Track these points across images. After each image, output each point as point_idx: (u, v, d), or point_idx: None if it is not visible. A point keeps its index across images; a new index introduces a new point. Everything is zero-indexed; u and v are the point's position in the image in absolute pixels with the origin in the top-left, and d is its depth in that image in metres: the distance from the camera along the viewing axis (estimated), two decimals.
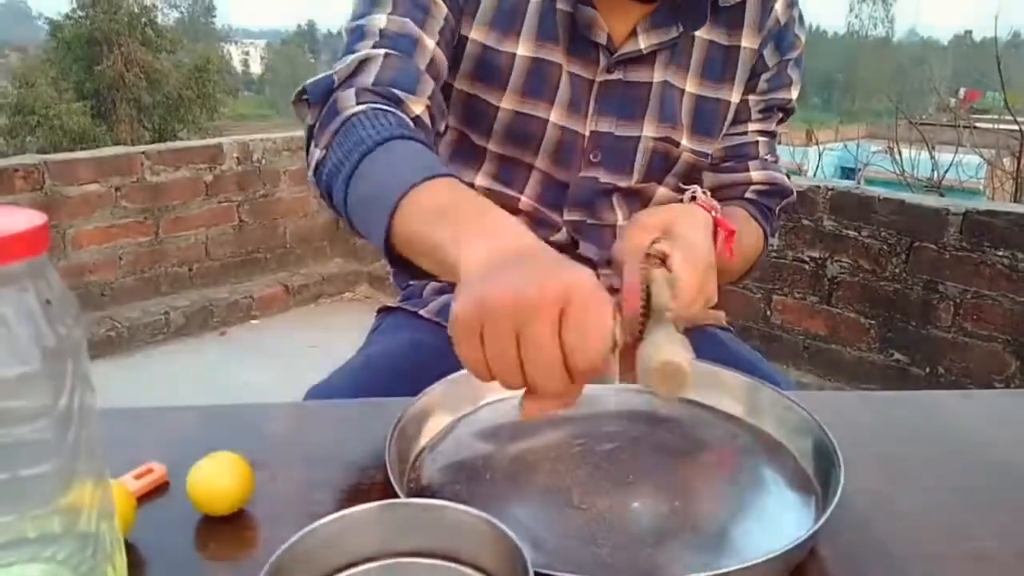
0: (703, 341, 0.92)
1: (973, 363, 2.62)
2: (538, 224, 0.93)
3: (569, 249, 0.94)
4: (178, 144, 3.86)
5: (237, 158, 3.69)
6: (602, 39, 0.87)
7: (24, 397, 0.39)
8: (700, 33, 0.91)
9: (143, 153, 3.45)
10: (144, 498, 0.60)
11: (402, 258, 0.66)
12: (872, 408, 0.81)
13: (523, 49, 0.87)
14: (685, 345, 0.57)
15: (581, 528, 0.58)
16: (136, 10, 18.69)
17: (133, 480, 0.61)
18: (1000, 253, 2.51)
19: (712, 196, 1.00)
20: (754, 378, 0.74)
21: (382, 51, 0.79)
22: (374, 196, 0.67)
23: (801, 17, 0.96)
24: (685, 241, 0.71)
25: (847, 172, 11.01)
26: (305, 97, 0.81)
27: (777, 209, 1.02)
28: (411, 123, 0.75)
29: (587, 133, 0.90)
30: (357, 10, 0.85)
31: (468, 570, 0.48)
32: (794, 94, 0.98)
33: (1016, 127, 5.73)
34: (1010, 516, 0.62)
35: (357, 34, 0.82)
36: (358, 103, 0.75)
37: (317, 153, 0.77)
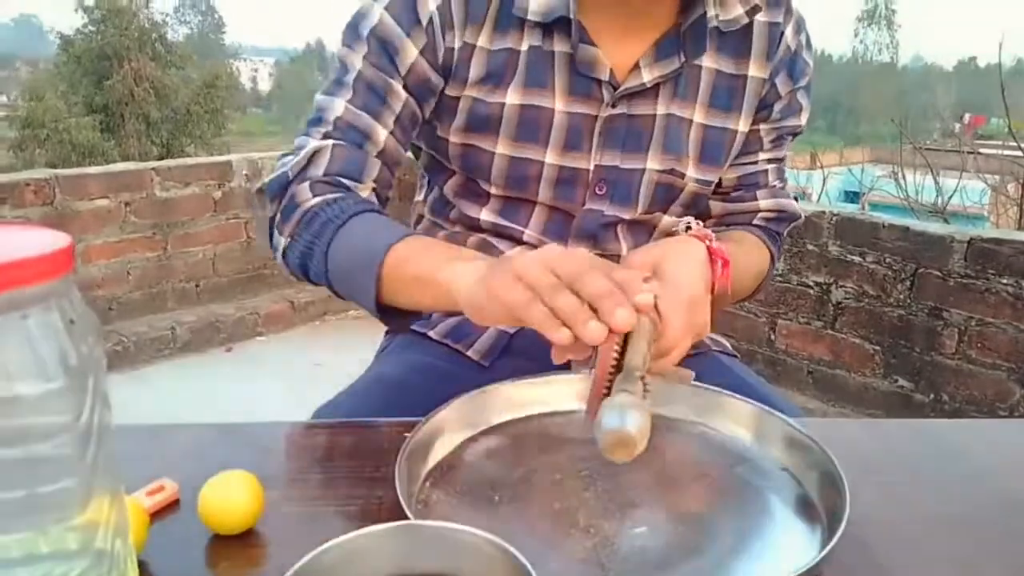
0: (710, 367, 0.93)
1: (977, 390, 2.62)
2: None
3: None
4: (188, 160, 3.89)
5: (246, 175, 3.71)
6: (604, 75, 0.87)
7: (47, 414, 0.40)
8: (707, 63, 0.91)
9: (153, 169, 3.48)
10: (156, 515, 0.61)
11: (392, 309, 0.79)
12: (876, 436, 0.81)
13: (511, 99, 0.87)
14: (643, 410, 0.57)
15: (588, 551, 0.59)
16: (147, 26, 18.87)
17: (146, 497, 0.62)
18: (1005, 281, 2.51)
19: (720, 223, 1.01)
20: (760, 405, 0.75)
21: (331, 142, 0.87)
22: (357, 259, 0.78)
23: (808, 41, 0.97)
24: (674, 281, 0.71)
25: (851, 196, 11.02)
26: (261, 189, 0.90)
27: (784, 232, 1.04)
28: (364, 200, 0.85)
29: (591, 167, 0.91)
30: (324, 86, 0.91)
31: None
32: (803, 119, 0.99)
33: (1020, 153, 5.75)
34: (1011, 544, 0.62)
35: (316, 119, 0.89)
36: (314, 195, 0.84)
37: (282, 241, 0.86)
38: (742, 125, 0.94)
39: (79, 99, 17.71)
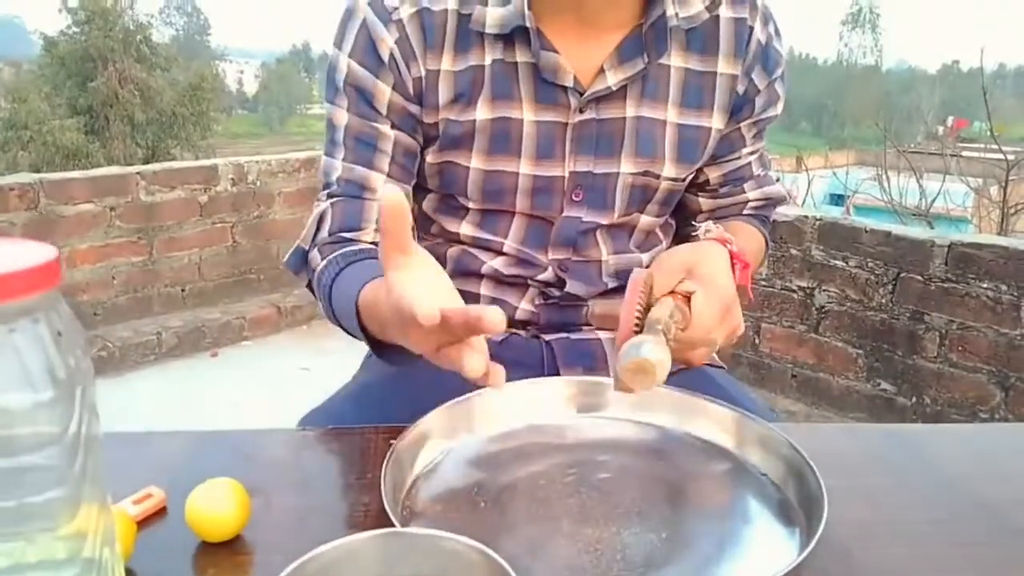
0: (693, 378, 0.94)
1: (958, 393, 2.65)
2: (523, 265, 0.95)
3: (556, 287, 0.95)
4: (173, 164, 3.87)
5: (232, 179, 3.71)
6: (568, 81, 0.87)
7: (35, 425, 0.40)
8: (675, 61, 0.91)
9: (138, 173, 3.47)
10: (143, 523, 0.61)
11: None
12: (856, 441, 0.82)
13: (481, 114, 0.88)
14: (661, 345, 0.64)
15: (572, 557, 0.60)
16: (131, 27, 18.74)
17: (133, 505, 0.62)
18: (985, 285, 2.55)
19: (709, 217, 1.02)
20: (741, 411, 0.76)
21: (331, 201, 0.91)
22: (350, 324, 0.80)
23: (777, 30, 0.96)
24: (710, 281, 0.75)
25: (836, 199, 11.09)
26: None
27: (772, 215, 1.07)
28: (358, 250, 0.88)
29: (566, 175, 0.91)
30: (325, 146, 0.94)
31: None
32: (780, 107, 1.00)
33: (1002, 156, 5.81)
34: (987, 549, 0.64)
35: (324, 184, 0.94)
36: (321, 258, 0.88)
37: (321, 305, 0.90)
38: (716, 122, 0.94)
39: (63, 101, 17.58)
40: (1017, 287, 2.50)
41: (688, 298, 0.73)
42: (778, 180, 1.07)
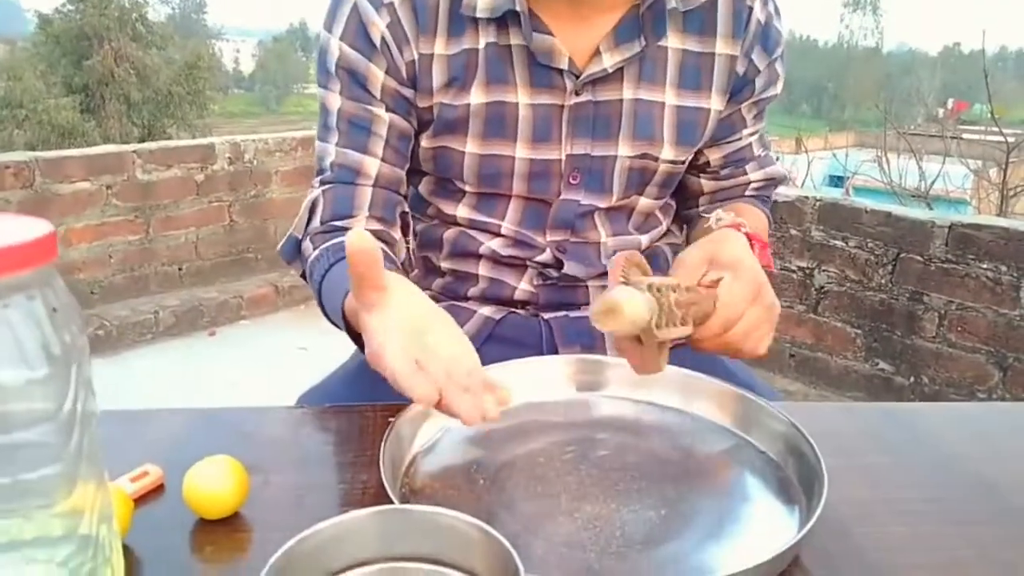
0: (696, 357, 0.94)
1: (956, 373, 2.66)
2: (521, 247, 0.94)
3: (555, 268, 0.95)
4: (170, 143, 3.86)
5: (229, 158, 3.69)
6: (563, 64, 0.86)
7: (30, 402, 0.40)
8: (673, 43, 0.90)
9: (135, 152, 3.45)
10: (140, 500, 0.61)
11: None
12: (856, 419, 0.82)
13: (476, 98, 0.87)
14: (632, 292, 0.64)
15: (570, 534, 0.60)
16: (127, 5, 18.59)
17: (130, 483, 0.62)
18: (984, 266, 2.55)
19: (713, 199, 1.02)
20: (741, 388, 0.76)
21: (323, 188, 0.90)
22: (337, 319, 0.79)
23: (777, 8, 0.95)
24: (734, 262, 0.75)
25: (836, 180, 11.08)
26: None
27: (772, 194, 1.07)
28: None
29: (563, 157, 0.90)
30: (318, 132, 0.93)
31: (461, 575, 0.49)
32: (780, 86, 0.99)
33: (1002, 138, 5.80)
34: (983, 527, 0.64)
35: (318, 169, 0.93)
36: (313, 248, 0.87)
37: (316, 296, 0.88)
38: (715, 103, 0.94)
39: (58, 79, 17.46)
40: (1016, 268, 2.49)
41: (715, 286, 0.73)
42: (777, 160, 1.06)
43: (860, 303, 2.82)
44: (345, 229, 0.88)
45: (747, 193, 1.03)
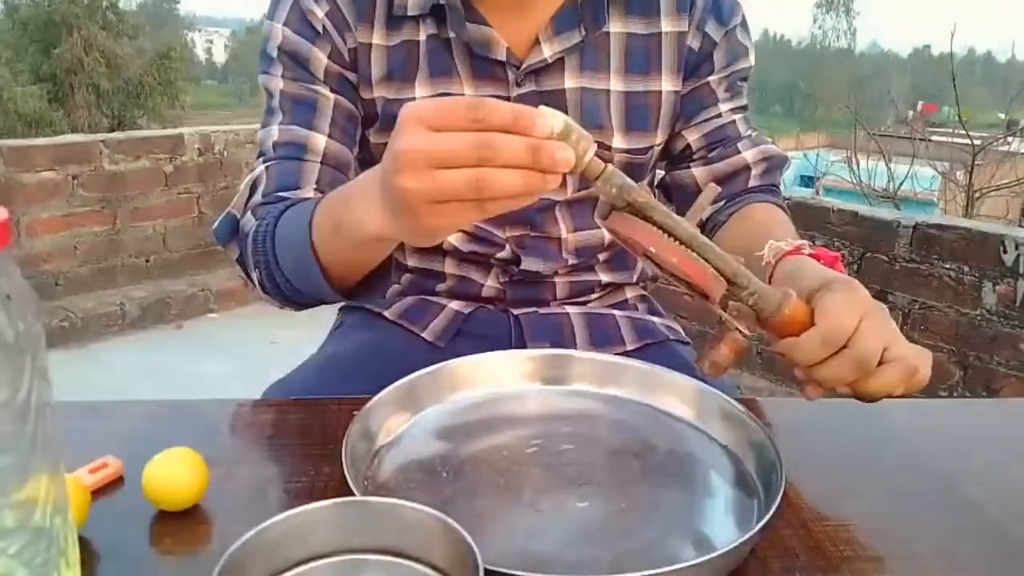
0: (659, 352, 0.94)
1: None
2: (481, 243, 0.93)
3: (515, 264, 0.94)
4: (138, 133, 3.80)
5: (199, 149, 3.65)
6: (501, 55, 0.86)
7: None
8: (615, 28, 0.89)
9: (102, 142, 3.40)
10: (99, 492, 0.61)
11: (346, 287, 0.80)
12: (817, 415, 0.83)
13: (420, 92, 0.87)
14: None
15: (531, 527, 0.60)
16: None
17: (88, 474, 0.61)
18: (947, 266, 2.59)
19: (718, 198, 0.96)
20: (702, 383, 0.77)
21: (267, 164, 0.87)
22: (295, 251, 0.77)
23: None
24: (820, 285, 0.69)
25: (807, 180, 11.20)
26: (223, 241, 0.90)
27: (779, 181, 1.01)
28: (300, 199, 0.83)
29: None
30: (262, 119, 0.91)
31: (422, 567, 0.49)
32: (752, 58, 0.97)
33: (968, 141, 5.91)
34: (943, 521, 0.65)
35: (258, 153, 0.90)
36: (256, 219, 0.84)
37: (255, 275, 0.85)
38: (667, 84, 0.92)
39: (25, 67, 17.16)
40: (979, 268, 2.54)
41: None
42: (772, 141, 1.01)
43: None
44: (289, 199, 0.83)
45: (751, 184, 0.98)
